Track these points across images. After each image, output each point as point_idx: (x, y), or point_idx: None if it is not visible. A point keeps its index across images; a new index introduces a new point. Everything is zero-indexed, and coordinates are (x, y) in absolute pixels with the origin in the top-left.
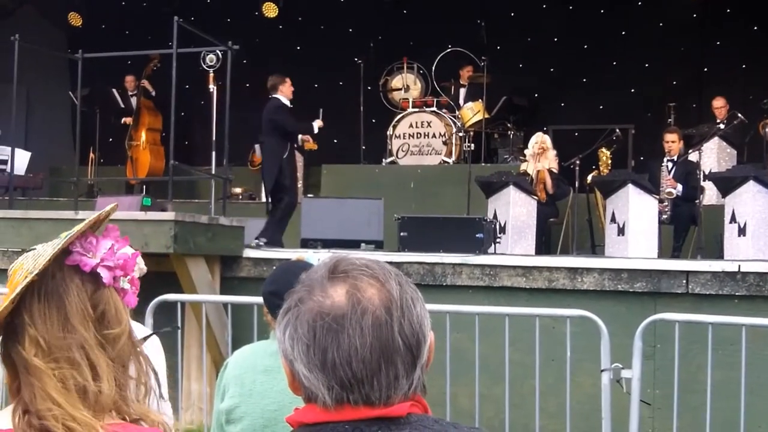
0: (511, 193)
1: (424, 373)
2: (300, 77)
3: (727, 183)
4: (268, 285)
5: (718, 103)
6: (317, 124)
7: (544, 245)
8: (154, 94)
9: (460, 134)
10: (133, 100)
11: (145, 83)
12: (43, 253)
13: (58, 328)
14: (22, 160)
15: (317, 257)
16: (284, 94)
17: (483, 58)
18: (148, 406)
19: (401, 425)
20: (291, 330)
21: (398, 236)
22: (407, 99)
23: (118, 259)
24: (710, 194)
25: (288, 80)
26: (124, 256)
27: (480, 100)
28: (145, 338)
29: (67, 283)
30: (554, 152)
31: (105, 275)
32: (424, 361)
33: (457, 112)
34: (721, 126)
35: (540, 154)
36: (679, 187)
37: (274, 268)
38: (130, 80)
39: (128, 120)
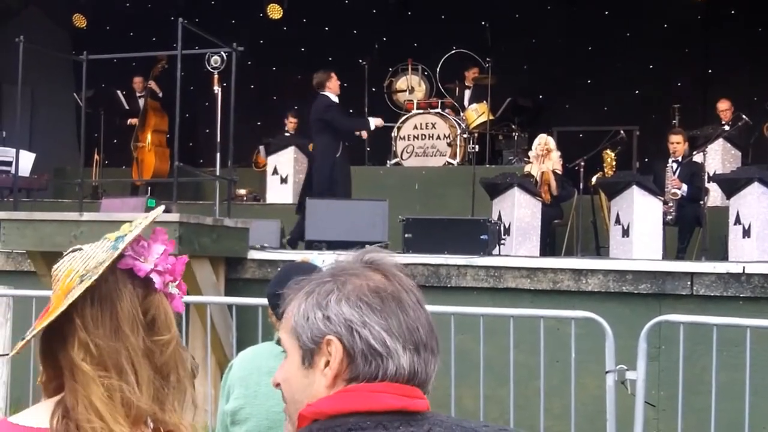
0: (516, 195)
1: None
2: (304, 79)
3: (731, 184)
4: (272, 286)
5: (723, 106)
6: (376, 122)
7: (549, 247)
8: (161, 95)
9: (465, 136)
10: (141, 102)
11: (152, 84)
12: (93, 255)
13: (110, 333)
14: (26, 161)
15: (322, 258)
16: (332, 90)
17: (487, 59)
18: (186, 412)
19: (419, 420)
20: (351, 302)
21: (403, 238)
22: (412, 100)
23: (168, 263)
24: (715, 195)
25: (334, 75)
26: (172, 261)
27: (484, 102)
28: None
29: (120, 288)
30: (558, 154)
31: (157, 280)
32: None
33: (461, 114)
34: (726, 128)
35: (544, 156)
36: (684, 188)
37: (279, 269)
38: (138, 81)
39: (133, 121)
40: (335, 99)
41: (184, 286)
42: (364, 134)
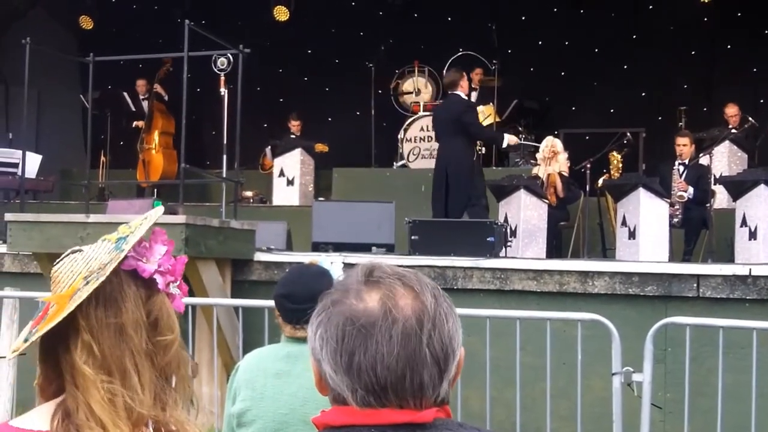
0: (522, 197)
1: (450, 387)
2: (311, 81)
3: (738, 187)
4: (279, 288)
5: (731, 111)
6: (510, 139)
7: (555, 249)
8: (167, 98)
9: None
10: (145, 104)
11: (158, 87)
12: (95, 256)
13: (114, 335)
14: (33, 163)
15: (330, 261)
16: (464, 90)
17: (494, 61)
18: (188, 413)
19: (427, 430)
20: (322, 330)
21: (409, 239)
22: (418, 102)
23: (170, 263)
24: (721, 198)
25: (465, 74)
26: (172, 261)
27: (491, 104)
28: None
29: (124, 289)
30: (565, 156)
31: (160, 281)
32: (452, 376)
33: None
34: (733, 129)
35: (551, 158)
36: (691, 190)
37: (287, 271)
38: (141, 84)
39: (140, 123)
40: (469, 99)
41: (185, 287)
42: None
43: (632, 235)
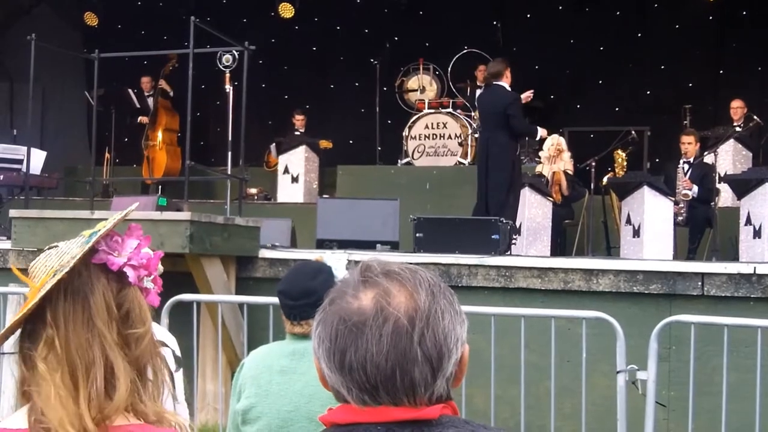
0: (527, 195)
1: (449, 385)
2: (316, 78)
3: (742, 185)
4: (280, 284)
5: (736, 104)
6: (542, 132)
7: (560, 247)
8: (172, 94)
9: (476, 135)
10: (150, 101)
11: (163, 83)
12: (67, 251)
13: (82, 327)
14: (37, 159)
15: (336, 258)
16: (508, 82)
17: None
18: (163, 406)
19: (433, 427)
20: (320, 329)
21: (414, 237)
22: (423, 100)
23: (142, 258)
24: (726, 196)
25: (509, 65)
26: (147, 256)
27: None
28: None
29: (93, 282)
30: (569, 154)
31: (131, 274)
32: (449, 374)
33: (472, 114)
34: (737, 128)
35: (555, 156)
36: (695, 188)
37: (291, 267)
38: (146, 81)
39: (144, 119)
40: (513, 92)
41: (160, 281)
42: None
43: (637, 233)
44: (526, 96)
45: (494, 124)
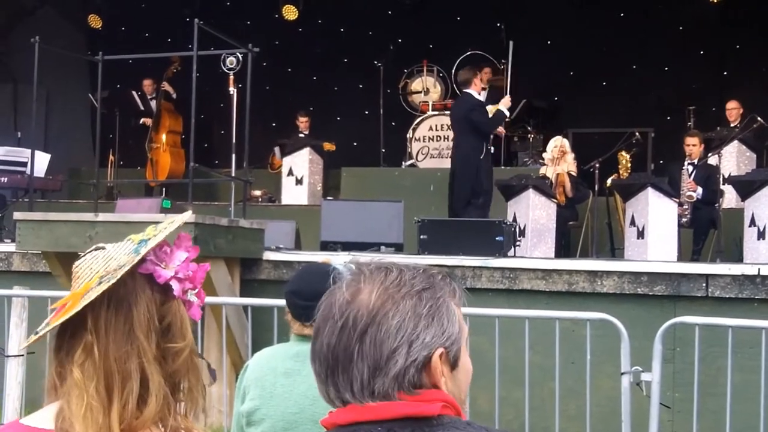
0: (531, 196)
1: (401, 385)
2: (319, 80)
3: (746, 186)
4: (290, 284)
5: (731, 105)
6: (504, 104)
7: (564, 248)
8: (175, 96)
9: None
10: (153, 103)
11: (166, 86)
12: (115, 256)
13: (122, 337)
14: (41, 162)
15: (342, 260)
16: (477, 89)
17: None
18: (196, 420)
19: (434, 426)
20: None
21: (418, 239)
22: (427, 102)
23: (189, 270)
24: (730, 198)
25: (478, 72)
26: (193, 268)
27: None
28: None
29: (138, 293)
30: (573, 156)
31: (176, 288)
32: (397, 375)
33: None
34: (735, 128)
35: (559, 158)
36: (699, 190)
37: (299, 269)
38: (148, 84)
39: (147, 121)
40: (480, 98)
41: (203, 294)
42: (501, 130)
43: (641, 234)
44: (505, 102)
45: (460, 131)
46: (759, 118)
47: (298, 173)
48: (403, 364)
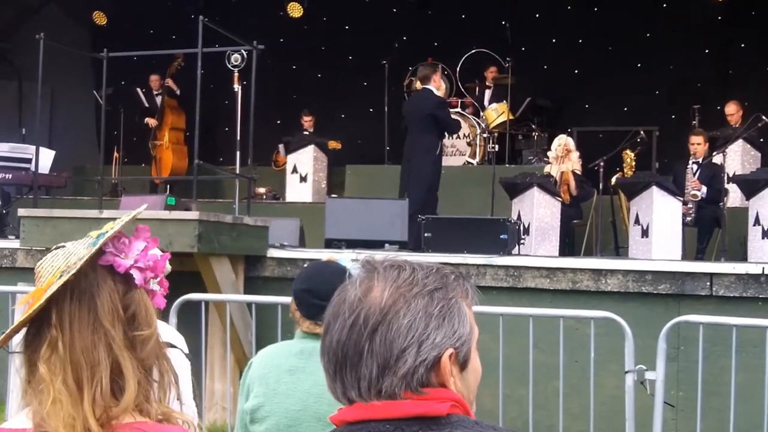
0: (535, 195)
1: (409, 385)
2: (324, 77)
3: (751, 185)
4: (302, 282)
5: (730, 110)
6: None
7: (568, 247)
8: (179, 92)
9: (485, 135)
10: (158, 100)
11: (170, 82)
12: (74, 251)
13: (87, 328)
14: (46, 158)
15: (349, 258)
16: (437, 86)
17: (507, 59)
18: (170, 408)
19: (442, 425)
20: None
21: (422, 237)
22: None
23: (149, 260)
24: (734, 196)
25: (439, 69)
26: (154, 258)
27: (504, 101)
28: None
29: (100, 284)
30: (578, 154)
31: (137, 276)
32: (406, 374)
33: (481, 113)
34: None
35: (563, 157)
36: (704, 189)
37: (305, 266)
38: (154, 79)
39: (151, 120)
40: (439, 93)
41: (166, 283)
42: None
43: (645, 233)
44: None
45: (418, 127)
46: (764, 117)
47: (303, 171)
48: (413, 364)
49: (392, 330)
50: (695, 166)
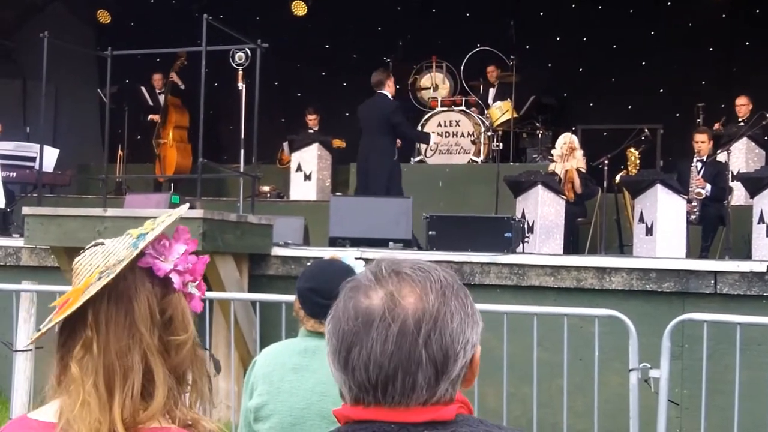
0: (540, 193)
1: (454, 387)
2: (328, 76)
3: (755, 183)
4: (306, 281)
5: (741, 101)
6: (435, 139)
7: (572, 245)
8: (183, 87)
9: (489, 133)
10: (162, 98)
11: (174, 77)
12: (114, 251)
13: (123, 331)
14: (50, 157)
15: (353, 256)
16: (390, 91)
17: (512, 57)
18: (201, 412)
19: (448, 426)
20: (330, 326)
21: (426, 235)
22: (436, 98)
23: (188, 263)
24: (738, 194)
25: (391, 74)
26: (193, 260)
27: (509, 100)
28: None
29: (138, 287)
30: (582, 152)
31: (176, 280)
32: (456, 376)
33: (485, 112)
34: (741, 123)
35: (568, 155)
36: (708, 187)
37: (309, 264)
38: (157, 78)
39: (155, 117)
40: (394, 100)
41: (204, 286)
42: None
43: (649, 231)
44: (435, 138)
45: (375, 130)
46: None
47: (307, 169)
48: (462, 365)
49: (446, 335)
50: (699, 164)
